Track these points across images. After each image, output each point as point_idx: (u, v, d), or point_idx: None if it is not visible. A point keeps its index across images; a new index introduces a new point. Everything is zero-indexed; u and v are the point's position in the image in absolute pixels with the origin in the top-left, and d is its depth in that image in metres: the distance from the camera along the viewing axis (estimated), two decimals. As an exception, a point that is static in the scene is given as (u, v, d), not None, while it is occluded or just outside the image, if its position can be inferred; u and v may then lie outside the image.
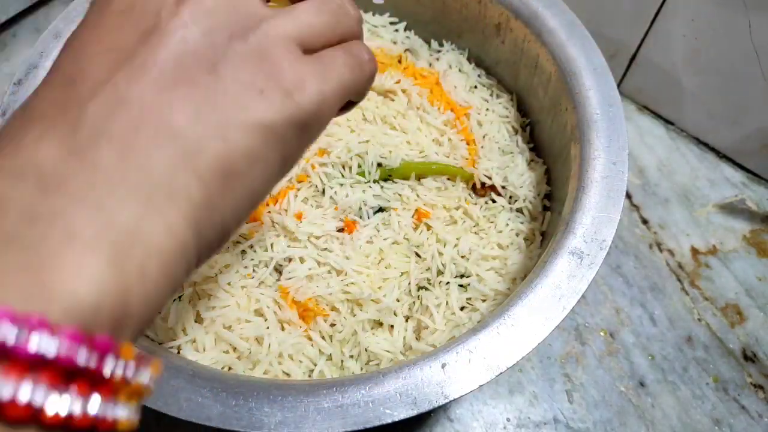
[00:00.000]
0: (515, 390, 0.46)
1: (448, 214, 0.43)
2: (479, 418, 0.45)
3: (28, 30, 0.63)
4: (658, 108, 0.62)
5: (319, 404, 0.28)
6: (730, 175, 0.58)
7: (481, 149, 0.46)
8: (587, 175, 0.37)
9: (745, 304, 0.51)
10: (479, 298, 0.40)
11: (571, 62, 0.42)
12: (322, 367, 0.37)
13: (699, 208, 0.56)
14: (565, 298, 0.32)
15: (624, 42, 0.58)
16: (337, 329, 0.38)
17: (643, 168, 0.58)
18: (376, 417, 0.28)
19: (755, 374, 0.47)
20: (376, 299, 0.38)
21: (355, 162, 0.43)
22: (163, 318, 0.37)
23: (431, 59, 0.51)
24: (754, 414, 0.46)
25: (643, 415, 0.45)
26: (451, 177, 0.44)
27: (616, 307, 0.50)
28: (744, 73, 0.52)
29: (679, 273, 0.52)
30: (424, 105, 0.47)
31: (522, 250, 0.42)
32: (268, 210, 0.42)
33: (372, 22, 0.52)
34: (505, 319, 0.31)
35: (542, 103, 0.46)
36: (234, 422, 0.28)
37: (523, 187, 0.45)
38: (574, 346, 0.48)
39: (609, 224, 0.35)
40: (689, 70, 0.56)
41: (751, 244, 0.54)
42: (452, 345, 0.31)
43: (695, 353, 0.48)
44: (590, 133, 0.39)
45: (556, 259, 0.34)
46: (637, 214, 0.56)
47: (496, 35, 0.49)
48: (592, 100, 0.40)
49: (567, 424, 0.45)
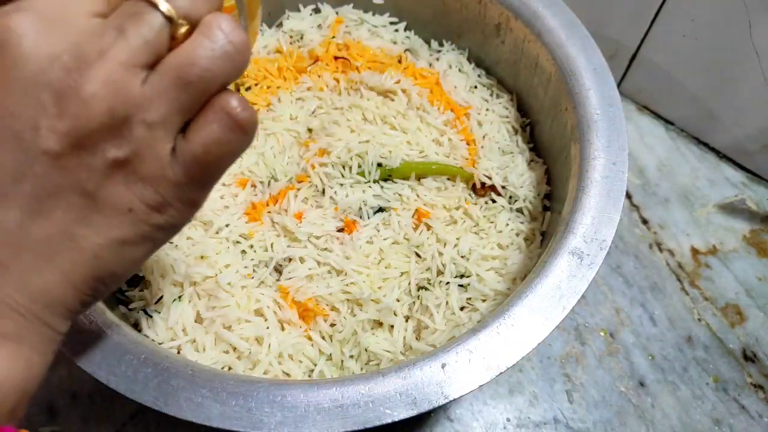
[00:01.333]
0: (515, 390, 0.46)
1: (448, 214, 0.43)
2: (479, 418, 0.45)
3: (28, 30, 0.63)
4: (658, 108, 0.62)
5: (319, 404, 0.28)
6: (730, 175, 0.58)
7: (481, 149, 0.46)
8: (587, 175, 0.37)
9: (745, 304, 0.51)
10: (479, 298, 0.40)
11: (571, 62, 0.42)
12: (322, 367, 0.37)
13: (699, 208, 0.56)
14: (565, 298, 0.32)
15: (624, 42, 0.58)
16: (337, 329, 0.38)
17: (643, 168, 0.58)
18: (376, 417, 0.28)
19: (755, 374, 0.47)
20: (376, 299, 0.38)
21: (355, 162, 0.43)
22: (163, 318, 0.37)
23: (431, 59, 0.51)
24: (754, 414, 0.46)
25: (643, 415, 0.45)
26: (451, 177, 0.44)
27: (616, 307, 0.50)
28: (744, 73, 0.52)
29: (679, 273, 0.52)
30: (424, 105, 0.47)
31: (522, 250, 0.42)
32: (268, 210, 0.42)
33: (372, 22, 0.52)
34: (505, 319, 0.31)
35: (542, 103, 0.46)
36: (234, 422, 0.28)
37: (523, 187, 0.45)
38: (574, 346, 0.48)
39: (609, 224, 0.35)
40: (689, 70, 0.56)
41: (751, 244, 0.54)
42: (452, 345, 0.31)
43: (695, 353, 0.48)
44: (590, 133, 0.39)
45: (556, 259, 0.34)
46: (637, 214, 0.56)
47: (496, 35, 0.49)
48: (592, 100, 0.40)
49: (567, 424, 0.45)
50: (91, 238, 0.20)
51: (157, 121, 0.19)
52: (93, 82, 0.18)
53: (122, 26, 0.19)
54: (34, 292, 0.19)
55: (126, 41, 0.19)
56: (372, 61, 0.49)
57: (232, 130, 0.20)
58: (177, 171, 0.20)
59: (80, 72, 0.18)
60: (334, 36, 0.50)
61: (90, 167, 0.19)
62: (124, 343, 0.31)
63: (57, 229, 0.19)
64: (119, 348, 0.30)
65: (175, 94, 0.19)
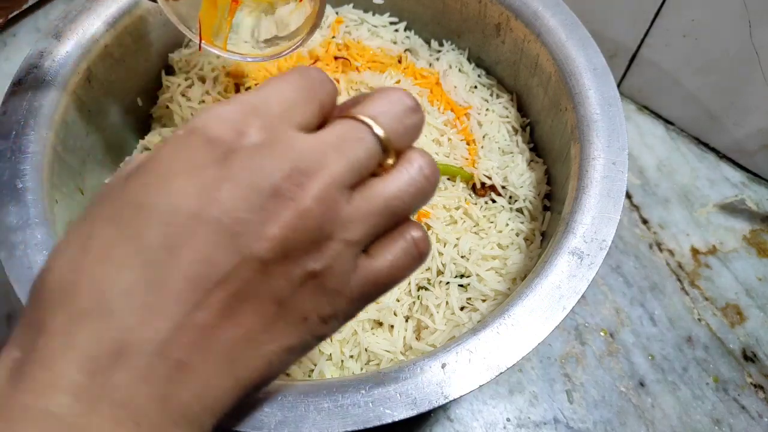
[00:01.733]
0: (515, 390, 0.46)
1: (448, 214, 0.43)
2: (479, 418, 0.45)
3: (28, 30, 0.63)
4: (658, 108, 0.62)
5: (319, 404, 0.28)
6: (730, 175, 0.58)
7: (481, 149, 0.46)
8: (587, 175, 0.37)
9: (745, 304, 0.51)
10: (479, 298, 0.40)
11: (571, 62, 0.42)
12: (322, 367, 0.37)
13: (699, 208, 0.56)
14: (565, 298, 0.32)
15: (624, 42, 0.58)
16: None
17: (643, 168, 0.58)
18: (376, 417, 0.28)
19: (755, 374, 0.47)
20: (376, 299, 0.38)
21: (355, 162, 0.43)
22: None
23: (431, 59, 0.51)
24: (754, 414, 0.46)
25: (643, 415, 0.45)
26: (451, 177, 0.44)
27: (616, 307, 0.50)
28: (744, 73, 0.52)
29: (679, 273, 0.52)
30: (424, 105, 0.47)
31: (522, 250, 0.42)
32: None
33: (372, 22, 0.52)
34: (505, 319, 0.31)
35: (542, 103, 0.46)
36: (234, 422, 0.28)
37: (523, 187, 0.45)
38: (574, 346, 0.48)
39: (609, 224, 0.35)
40: (689, 70, 0.56)
41: (751, 244, 0.54)
42: (452, 345, 0.31)
43: (695, 353, 0.48)
44: (590, 133, 0.39)
45: (556, 259, 0.34)
46: (637, 214, 0.56)
47: (496, 35, 0.49)
48: (592, 100, 0.40)
49: (567, 424, 0.45)
50: (268, 346, 0.20)
51: (355, 241, 0.20)
52: (309, 198, 0.18)
53: (342, 146, 0.19)
54: (209, 401, 0.19)
55: (345, 161, 0.19)
56: (372, 61, 0.49)
57: (415, 259, 0.22)
58: (354, 287, 0.21)
59: (302, 186, 0.18)
60: (334, 36, 0.50)
61: (289, 277, 0.19)
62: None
63: (243, 334, 0.19)
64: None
65: (377, 220, 0.20)
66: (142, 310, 0.17)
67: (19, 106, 0.38)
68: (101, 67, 0.43)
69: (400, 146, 0.21)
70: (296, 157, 0.19)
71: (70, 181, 0.41)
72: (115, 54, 0.44)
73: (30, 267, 0.32)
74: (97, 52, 0.42)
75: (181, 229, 0.18)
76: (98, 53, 0.42)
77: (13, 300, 0.36)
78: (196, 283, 0.18)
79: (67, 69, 0.40)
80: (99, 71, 0.43)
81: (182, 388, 0.18)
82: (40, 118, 0.38)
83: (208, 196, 0.18)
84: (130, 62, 0.46)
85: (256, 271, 0.18)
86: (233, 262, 0.18)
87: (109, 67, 0.44)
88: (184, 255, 0.17)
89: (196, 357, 0.18)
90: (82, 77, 0.41)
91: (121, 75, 0.45)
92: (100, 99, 0.44)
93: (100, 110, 0.44)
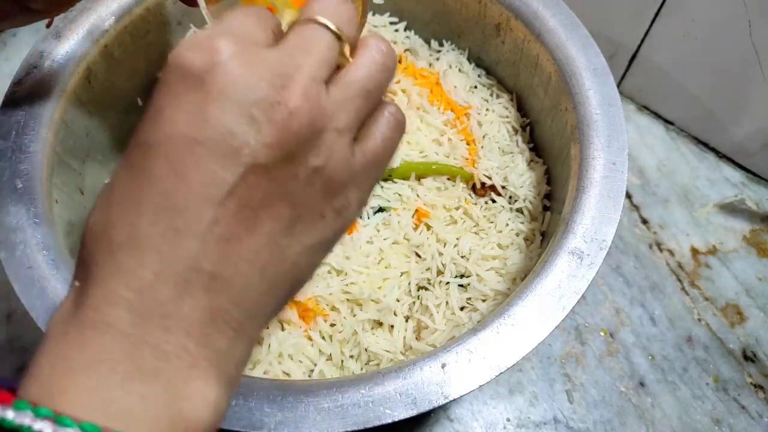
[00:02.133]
0: (515, 390, 0.46)
1: (448, 214, 0.43)
2: (479, 418, 0.45)
3: (28, 30, 0.63)
4: (658, 108, 0.62)
5: (319, 404, 0.28)
6: (730, 175, 0.58)
7: (481, 149, 0.46)
8: (587, 175, 0.37)
9: (745, 304, 0.51)
10: (479, 298, 0.40)
11: (571, 62, 0.42)
12: (322, 367, 0.37)
13: (699, 208, 0.56)
14: (565, 298, 0.32)
15: (624, 42, 0.58)
16: (337, 329, 0.38)
17: (643, 168, 0.58)
18: (376, 417, 0.28)
19: (755, 374, 0.47)
20: (376, 299, 0.38)
21: (355, 162, 0.43)
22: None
23: (431, 59, 0.51)
24: (754, 414, 0.46)
25: (643, 415, 0.45)
26: (451, 177, 0.44)
27: (616, 307, 0.50)
28: (744, 73, 0.52)
29: (679, 273, 0.52)
30: (424, 105, 0.47)
31: (522, 250, 0.42)
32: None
33: (372, 22, 0.52)
34: (505, 319, 0.31)
35: (542, 103, 0.46)
36: (234, 422, 0.28)
37: (523, 187, 0.45)
38: (574, 346, 0.48)
39: (609, 224, 0.35)
40: (689, 70, 0.56)
41: (751, 244, 0.54)
42: (452, 345, 0.31)
43: (695, 353, 0.48)
44: (590, 133, 0.39)
45: (556, 259, 0.34)
46: (637, 214, 0.56)
47: (496, 35, 0.49)
48: (592, 100, 0.40)
49: (567, 424, 0.45)
50: (292, 247, 0.21)
51: (346, 128, 0.21)
52: (295, 97, 0.20)
53: (306, 46, 0.21)
54: (246, 306, 0.20)
55: (315, 57, 0.21)
56: (372, 61, 0.49)
57: (399, 128, 0.24)
58: (358, 171, 0.22)
59: (285, 88, 0.20)
60: (334, 36, 0.50)
61: (296, 177, 0.20)
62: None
63: (266, 242, 0.20)
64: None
65: (358, 103, 0.22)
66: (169, 234, 0.19)
67: (19, 106, 0.38)
68: (101, 67, 0.43)
69: (350, 34, 0.22)
70: (271, 63, 0.20)
71: (70, 181, 0.41)
72: (115, 54, 0.44)
73: (30, 267, 0.32)
74: (97, 52, 0.42)
75: (181, 155, 0.19)
76: (98, 53, 0.42)
77: (13, 300, 0.36)
78: (208, 200, 0.19)
79: (67, 69, 0.40)
80: (99, 71, 0.43)
81: (220, 297, 0.19)
82: (40, 118, 0.38)
83: (198, 120, 0.19)
84: (130, 62, 0.46)
85: (262, 178, 0.19)
86: (238, 174, 0.19)
87: (109, 67, 0.44)
88: (191, 177, 0.19)
89: (227, 269, 0.19)
90: (82, 77, 0.41)
91: (121, 75, 0.45)
92: (100, 99, 0.44)
93: (100, 110, 0.44)
